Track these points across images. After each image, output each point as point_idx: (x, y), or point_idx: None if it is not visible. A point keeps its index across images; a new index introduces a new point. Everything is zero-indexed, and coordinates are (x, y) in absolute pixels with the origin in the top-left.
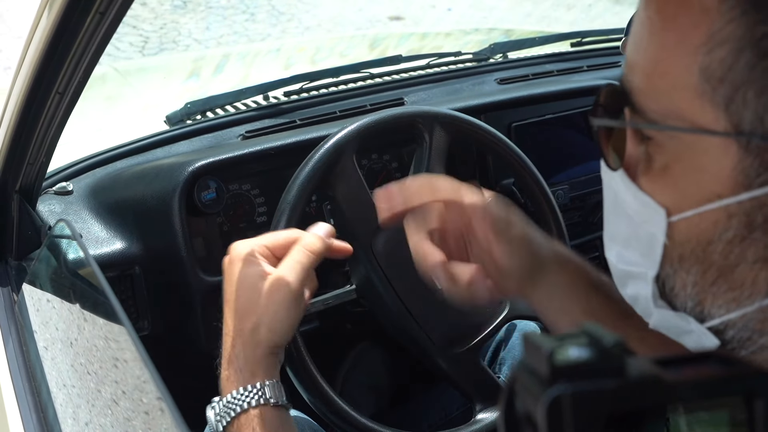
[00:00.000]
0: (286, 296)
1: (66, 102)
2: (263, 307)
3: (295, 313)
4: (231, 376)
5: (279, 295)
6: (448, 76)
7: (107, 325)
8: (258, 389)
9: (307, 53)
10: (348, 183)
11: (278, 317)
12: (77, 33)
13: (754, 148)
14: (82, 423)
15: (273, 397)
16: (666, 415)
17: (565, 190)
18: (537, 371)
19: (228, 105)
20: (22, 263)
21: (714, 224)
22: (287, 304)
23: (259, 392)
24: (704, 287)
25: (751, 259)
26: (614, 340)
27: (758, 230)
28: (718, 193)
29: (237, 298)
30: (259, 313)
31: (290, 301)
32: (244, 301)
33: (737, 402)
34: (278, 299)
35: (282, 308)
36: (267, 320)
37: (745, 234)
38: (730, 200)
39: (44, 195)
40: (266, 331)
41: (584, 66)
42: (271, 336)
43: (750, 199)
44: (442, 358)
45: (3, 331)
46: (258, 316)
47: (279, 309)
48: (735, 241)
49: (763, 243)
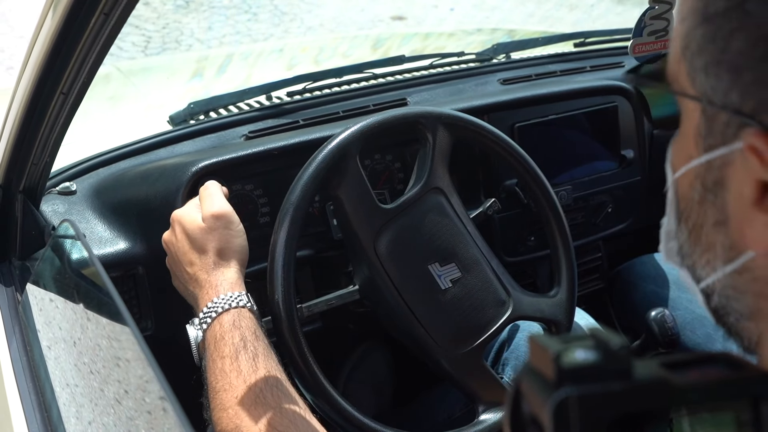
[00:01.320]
0: (226, 219)
1: (70, 102)
2: (215, 236)
3: (240, 228)
4: (208, 292)
5: (221, 221)
6: (451, 76)
7: (111, 324)
8: (237, 295)
9: (310, 53)
10: (351, 183)
11: (231, 237)
12: (82, 34)
13: (708, 114)
14: (85, 422)
15: (249, 304)
16: (669, 417)
17: (568, 190)
18: (543, 373)
19: (231, 105)
20: (26, 263)
21: (690, 185)
22: (230, 225)
23: (239, 298)
24: (692, 248)
25: (711, 221)
26: (620, 343)
27: (710, 193)
28: (690, 155)
29: (190, 244)
30: (214, 242)
31: (231, 220)
32: (197, 242)
33: (741, 404)
34: (222, 224)
35: (228, 229)
36: (224, 244)
37: (703, 195)
38: (692, 163)
39: (48, 195)
40: (229, 252)
41: (587, 66)
42: (235, 255)
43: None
44: (445, 358)
45: (7, 331)
46: (215, 244)
47: (226, 231)
48: (700, 201)
49: (715, 206)
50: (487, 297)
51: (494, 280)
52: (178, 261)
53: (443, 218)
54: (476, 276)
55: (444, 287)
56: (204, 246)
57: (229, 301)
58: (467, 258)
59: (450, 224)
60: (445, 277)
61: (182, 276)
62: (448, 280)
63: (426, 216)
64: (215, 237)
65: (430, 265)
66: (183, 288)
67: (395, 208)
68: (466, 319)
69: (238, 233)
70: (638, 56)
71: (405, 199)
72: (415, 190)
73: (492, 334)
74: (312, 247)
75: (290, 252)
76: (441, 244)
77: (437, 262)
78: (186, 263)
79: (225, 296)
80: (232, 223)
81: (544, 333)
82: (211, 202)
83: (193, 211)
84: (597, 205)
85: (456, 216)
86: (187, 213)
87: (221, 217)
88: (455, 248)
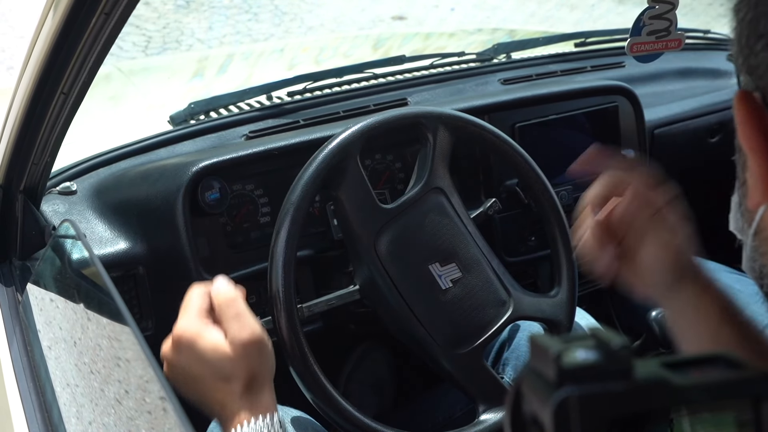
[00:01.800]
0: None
1: (71, 102)
2: (246, 364)
3: (270, 348)
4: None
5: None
6: (451, 76)
7: (111, 324)
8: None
9: (311, 53)
10: (352, 183)
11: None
12: (82, 33)
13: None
14: (85, 422)
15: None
16: (669, 417)
17: (569, 190)
18: (544, 373)
19: (231, 105)
20: (27, 263)
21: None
22: (263, 348)
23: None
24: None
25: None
26: (621, 343)
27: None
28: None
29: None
30: (246, 371)
31: (264, 344)
32: (223, 371)
33: (741, 404)
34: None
35: (262, 355)
36: (257, 370)
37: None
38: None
39: (48, 195)
40: (263, 378)
41: (588, 66)
42: (268, 377)
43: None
44: (445, 358)
45: (7, 331)
46: (246, 373)
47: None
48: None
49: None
50: (488, 297)
51: (495, 280)
52: (189, 385)
53: (444, 218)
54: (477, 276)
55: (444, 287)
56: (232, 374)
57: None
58: (468, 258)
59: (450, 224)
60: (445, 277)
61: (198, 398)
62: (448, 280)
63: (426, 216)
64: (247, 365)
65: (431, 265)
66: (198, 404)
67: (396, 208)
68: (466, 319)
69: (270, 354)
70: (636, 55)
71: (405, 199)
72: (415, 190)
73: (492, 334)
74: (312, 247)
75: (291, 252)
76: (441, 244)
77: (438, 262)
78: (207, 389)
79: (260, 423)
80: (265, 347)
81: (544, 333)
82: (240, 325)
83: (208, 333)
84: None
85: (456, 216)
86: (200, 335)
87: (255, 343)
88: (456, 248)
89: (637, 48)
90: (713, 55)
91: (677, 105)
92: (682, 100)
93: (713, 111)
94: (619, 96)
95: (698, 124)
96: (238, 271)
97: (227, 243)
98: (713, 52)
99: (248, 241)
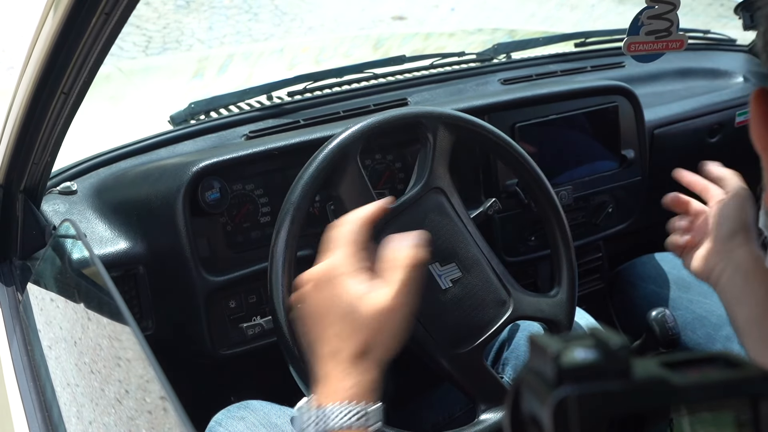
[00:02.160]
0: (397, 320)
1: (71, 102)
2: (376, 331)
3: (402, 331)
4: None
5: (395, 316)
6: (451, 76)
7: (111, 324)
8: (362, 411)
9: (311, 53)
10: (352, 183)
11: (391, 337)
12: (82, 33)
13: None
14: (86, 422)
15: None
16: (669, 416)
17: (569, 190)
18: (543, 373)
19: (232, 105)
20: (27, 263)
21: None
22: (397, 327)
23: (364, 415)
24: None
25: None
26: (620, 343)
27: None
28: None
29: (341, 318)
30: (370, 337)
31: (400, 323)
32: (353, 324)
33: (741, 403)
34: (390, 324)
35: (393, 331)
36: (379, 341)
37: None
38: None
39: (49, 195)
40: (380, 352)
41: (588, 66)
42: (383, 355)
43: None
44: (445, 358)
45: (8, 331)
46: (369, 339)
47: (390, 333)
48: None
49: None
50: (488, 297)
51: (494, 280)
52: (311, 322)
53: (444, 218)
54: (476, 276)
55: (444, 287)
56: (355, 333)
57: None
58: (468, 258)
59: (450, 224)
60: (445, 276)
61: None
62: (448, 279)
63: (426, 216)
64: (375, 332)
65: (431, 264)
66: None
67: (396, 207)
68: (466, 318)
69: (397, 333)
70: (635, 55)
71: (405, 199)
72: (415, 190)
73: (492, 333)
74: (312, 247)
75: (291, 252)
76: (441, 244)
77: (437, 262)
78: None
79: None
80: (398, 332)
81: (544, 333)
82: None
83: (356, 282)
84: (597, 205)
85: (456, 216)
86: (349, 280)
87: (393, 318)
88: (456, 248)
89: (634, 47)
90: (713, 55)
91: (677, 105)
92: (681, 100)
93: (713, 111)
94: (619, 96)
95: (698, 124)
96: (238, 270)
97: (227, 243)
98: (713, 52)
99: (248, 240)
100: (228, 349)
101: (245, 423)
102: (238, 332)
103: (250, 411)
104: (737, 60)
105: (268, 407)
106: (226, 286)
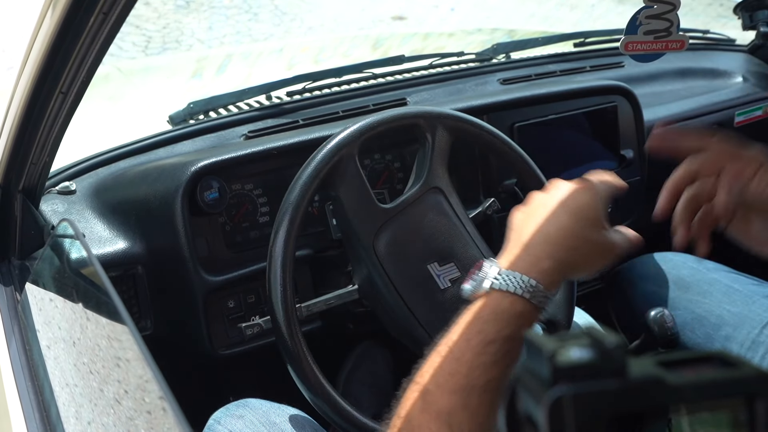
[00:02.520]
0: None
1: (69, 102)
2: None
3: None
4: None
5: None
6: (450, 76)
7: (110, 324)
8: (544, 293)
9: (310, 53)
10: (350, 183)
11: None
12: (81, 33)
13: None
14: (84, 422)
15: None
16: (668, 416)
17: None
18: (539, 372)
19: (231, 105)
20: (25, 263)
21: None
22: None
23: (544, 296)
24: None
25: None
26: (615, 342)
27: None
28: None
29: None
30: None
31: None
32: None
33: (737, 403)
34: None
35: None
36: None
37: None
38: None
39: (47, 194)
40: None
41: (587, 66)
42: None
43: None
44: None
45: (6, 331)
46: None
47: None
48: None
49: None
50: None
51: None
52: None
53: (442, 218)
54: None
55: (443, 287)
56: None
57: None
58: (466, 258)
59: (449, 224)
60: (444, 276)
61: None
62: (447, 279)
63: (425, 216)
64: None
65: (430, 264)
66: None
67: (394, 207)
68: None
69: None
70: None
71: (404, 199)
72: (414, 190)
73: None
74: (311, 247)
75: (289, 252)
76: (440, 244)
77: (436, 262)
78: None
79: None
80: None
81: (542, 332)
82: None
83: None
84: None
85: (455, 216)
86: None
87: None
88: (454, 248)
89: (631, 47)
90: (712, 55)
91: (676, 105)
92: (681, 100)
93: (712, 111)
94: (619, 96)
95: (697, 125)
96: (237, 270)
97: (226, 242)
98: (713, 52)
99: (247, 240)
100: (227, 348)
101: (244, 421)
102: (237, 332)
103: (249, 409)
104: (737, 60)
105: (267, 406)
106: (224, 285)
